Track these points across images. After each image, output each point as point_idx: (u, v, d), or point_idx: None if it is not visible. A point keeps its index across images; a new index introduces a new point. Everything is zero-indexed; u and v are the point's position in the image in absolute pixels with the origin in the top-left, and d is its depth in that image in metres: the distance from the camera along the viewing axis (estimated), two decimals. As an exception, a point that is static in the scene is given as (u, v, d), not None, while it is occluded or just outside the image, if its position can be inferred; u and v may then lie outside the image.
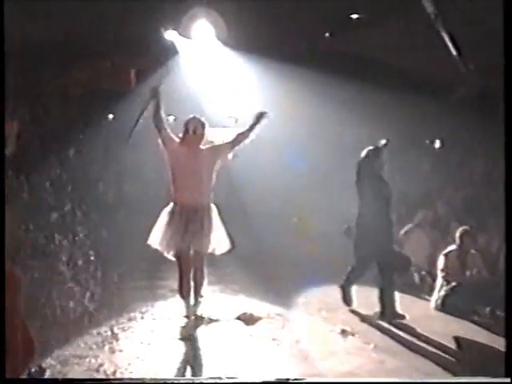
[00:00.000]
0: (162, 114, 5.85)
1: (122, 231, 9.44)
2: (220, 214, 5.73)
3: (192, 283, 5.77)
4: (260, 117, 5.86)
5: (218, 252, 5.80)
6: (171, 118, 8.80)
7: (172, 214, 5.60)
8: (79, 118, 14.23)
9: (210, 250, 5.75)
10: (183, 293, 5.75)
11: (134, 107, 12.25)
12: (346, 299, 6.51)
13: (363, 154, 6.49)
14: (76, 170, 11.39)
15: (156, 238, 5.65)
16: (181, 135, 5.78)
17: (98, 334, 5.44)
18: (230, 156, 6.00)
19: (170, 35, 11.54)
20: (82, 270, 7.53)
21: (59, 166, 11.72)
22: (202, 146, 5.74)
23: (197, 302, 5.86)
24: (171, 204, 5.66)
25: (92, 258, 7.92)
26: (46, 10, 9.33)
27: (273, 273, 7.98)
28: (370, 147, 6.53)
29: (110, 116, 14.58)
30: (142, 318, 6.08)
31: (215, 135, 13.44)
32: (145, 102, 6.00)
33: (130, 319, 5.97)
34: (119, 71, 13.67)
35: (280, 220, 10.58)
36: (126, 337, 5.41)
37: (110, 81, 13.59)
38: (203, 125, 5.80)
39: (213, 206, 5.70)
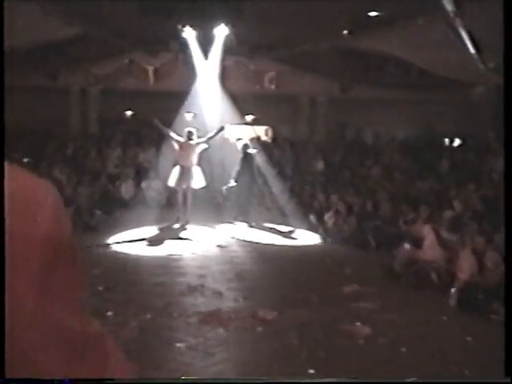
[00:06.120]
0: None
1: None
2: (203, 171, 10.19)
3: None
4: (220, 130, 10.13)
5: (197, 187, 10.10)
6: (190, 116, 9.17)
7: (179, 170, 9.94)
8: (98, 115, 14.38)
9: (197, 187, 10.09)
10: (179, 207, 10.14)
11: (151, 104, 12.46)
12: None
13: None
14: (94, 166, 11.46)
15: (172, 181, 10.00)
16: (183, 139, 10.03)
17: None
18: None
19: (187, 33, 11.60)
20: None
21: (78, 162, 11.85)
22: (191, 142, 9.91)
23: (185, 223, 9.94)
24: (178, 166, 9.98)
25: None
26: (66, 7, 9.44)
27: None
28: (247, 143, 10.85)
29: (129, 113, 14.72)
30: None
31: (233, 131, 13.55)
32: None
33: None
34: (138, 68, 13.79)
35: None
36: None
37: (129, 78, 13.73)
38: (193, 133, 10.01)
39: (197, 167, 10.12)
